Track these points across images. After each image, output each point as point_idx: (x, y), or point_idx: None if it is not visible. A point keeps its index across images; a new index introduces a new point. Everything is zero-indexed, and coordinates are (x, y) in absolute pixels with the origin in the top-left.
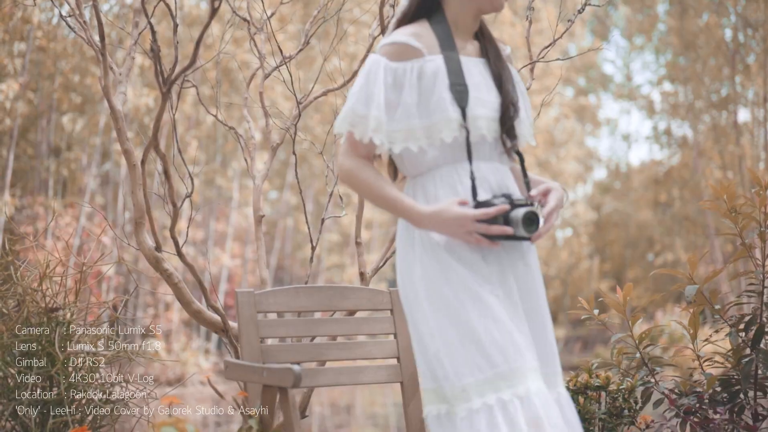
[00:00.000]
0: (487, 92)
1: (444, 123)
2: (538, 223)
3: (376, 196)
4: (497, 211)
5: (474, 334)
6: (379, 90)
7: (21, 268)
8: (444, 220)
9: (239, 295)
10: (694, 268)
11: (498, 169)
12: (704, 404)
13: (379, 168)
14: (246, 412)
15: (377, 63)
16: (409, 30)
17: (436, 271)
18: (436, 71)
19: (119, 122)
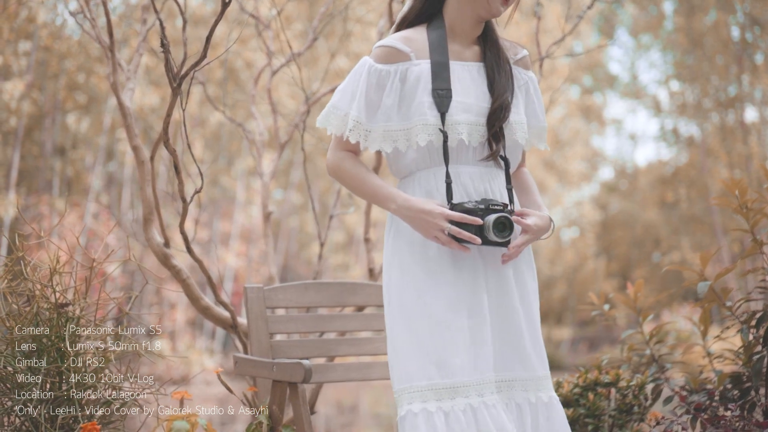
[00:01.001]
0: (476, 97)
1: (420, 127)
2: (511, 230)
3: (359, 185)
4: (471, 220)
5: (422, 345)
6: (361, 90)
7: (31, 264)
8: (418, 212)
9: (248, 290)
10: (706, 265)
11: (481, 174)
12: (714, 401)
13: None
14: (256, 407)
15: (363, 64)
16: (402, 34)
17: (402, 279)
18: (420, 76)
19: (128, 119)
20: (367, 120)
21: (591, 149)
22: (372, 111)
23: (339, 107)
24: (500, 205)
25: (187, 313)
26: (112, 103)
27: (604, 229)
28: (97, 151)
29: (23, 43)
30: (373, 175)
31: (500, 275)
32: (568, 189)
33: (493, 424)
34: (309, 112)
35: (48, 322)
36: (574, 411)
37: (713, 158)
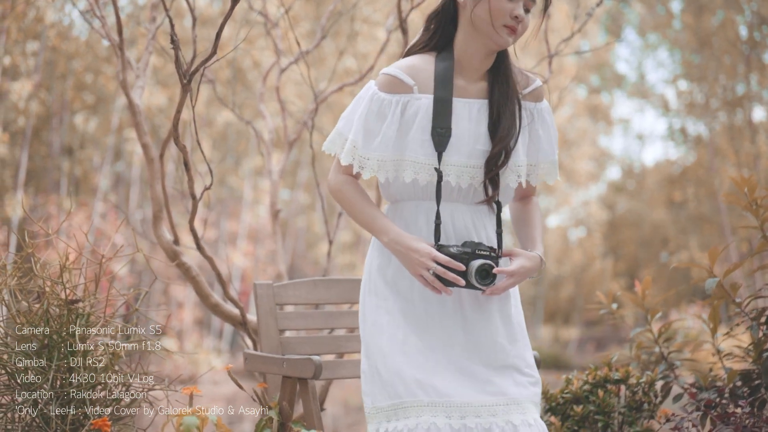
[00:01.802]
0: (473, 139)
1: (409, 163)
2: (494, 277)
3: (356, 212)
4: (455, 266)
5: (381, 366)
6: (361, 117)
7: (41, 261)
8: (407, 248)
9: (258, 287)
10: (715, 261)
11: (468, 213)
12: (724, 398)
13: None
14: (266, 403)
15: (368, 89)
16: (410, 62)
17: (374, 299)
18: (418, 111)
19: (138, 116)
20: (363, 147)
21: (598, 149)
22: (370, 138)
23: (341, 132)
24: (486, 251)
25: (195, 312)
26: (119, 103)
27: (612, 228)
28: (104, 151)
29: (31, 44)
30: (370, 204)
31: (475, 303)
32: (575, 189)
33: None
34: (317, 110)
35: (58, 319)
36: (584, 408)
37: (721, 157)
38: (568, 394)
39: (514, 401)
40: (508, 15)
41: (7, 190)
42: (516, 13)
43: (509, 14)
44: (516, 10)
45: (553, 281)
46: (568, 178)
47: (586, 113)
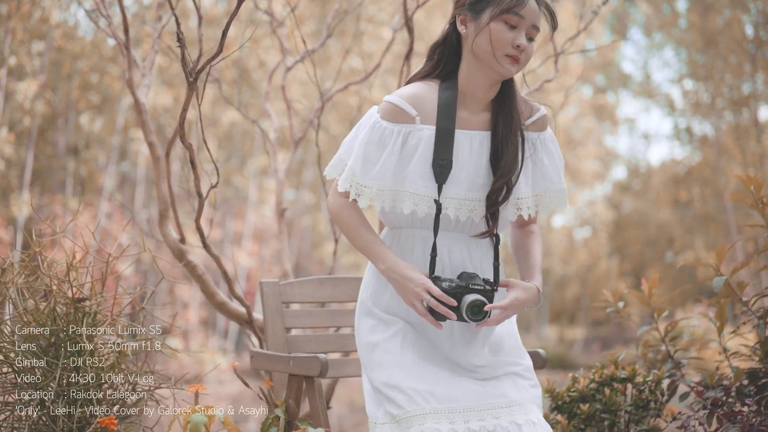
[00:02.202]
0: (473, 172)
1: (408, 194)
2: (486, 313)
3: (354, 237)
4: (447, 301)
5: (381, 382)
6: (361, 144)
7: (48, 259)
8: (403, 277)
9: (264, 285)
10: (722, 260)
11: (465, 244)
12: (731, 397)
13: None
14: (272, 401)
15: (370, 117)
16: (413, 91)
17: (369, 320)
18: (420, 142)
19: (143, 115)
20: (361, 174)
21: (604, 148)
22: (368, 166)
23: (342, 158)
24: (481, 285)
25: (200, 312)
26: (125, 103)
27: (617, 228)
28: (110, 151)
29: (36, 44)
30: (368, 229)
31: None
32: (580, 188)
33: None
34: (323, 108)
35: (65, 318)
36: (591, 406)
37: (727, 157)
38: (574, 392)
39: (516, 403)
40: (510, 44)
41: (12, 190)
42: (518, 43)
43: (511, 44)
44: (518, 40)
45: (558, 281)
46: (574, 177)
47: (591, 113)
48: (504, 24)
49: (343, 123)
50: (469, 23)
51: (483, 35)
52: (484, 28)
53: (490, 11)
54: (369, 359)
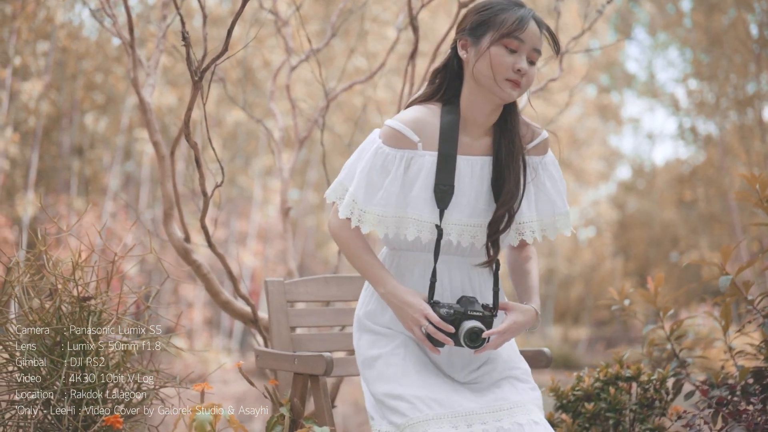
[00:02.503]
0: (475, 198)
1: (412, 221)
2: (484, 340)
3: (354, 259)
4: (445, 328)
5: (383, 394)
6: (363, 170)
7: (53, 259)
8: (401, 302)
9: (269, 284)
10: (727, 259)
11: (462, 266)
12: (736, 396)
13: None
14: (277, 400)
15: (372, 142)
16: (414, 116)
17: (368, 336)
18: (422, 169)
19: (148, 114)
20: (364, 201)
21: (608, 148)
22: (371, 193)
23: (343, 183)
24: (480, 311)
25: (205, 312)
26: (129, 103)
27: (622, 228)
28: (114, 151)
29: (41, 44)
30: (368, 251)
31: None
32: (585, 188)
33: None
34: (328, 107)
35: (70, 317)
36: (595, 405)
37: (732, 157)
38: (579, 391)
39: (517, 404)
40: (510, 69)
41: (17, 190)
42: (518, 67)
43: (511, 68)
44: (518, 64)
45: (563, 281)
46: (578, 177)
47: (595, 113)
48: (504, 48)
49: (347, 123)
50: (469, 48)
51: (483, 60)
52: (484, 52)
53: (490, 36)
54: (370, 373)
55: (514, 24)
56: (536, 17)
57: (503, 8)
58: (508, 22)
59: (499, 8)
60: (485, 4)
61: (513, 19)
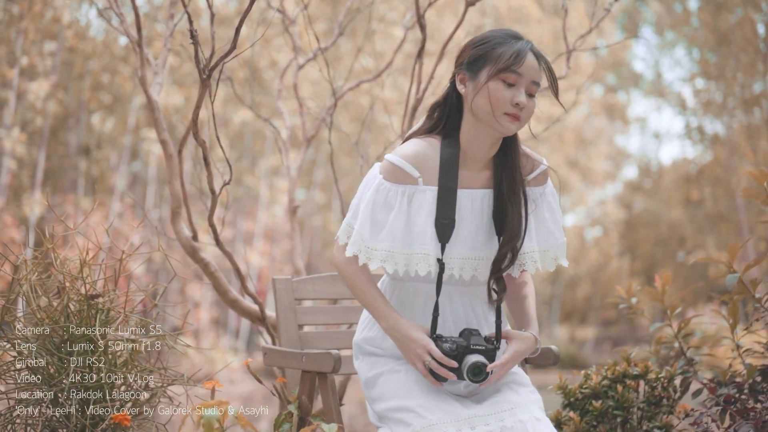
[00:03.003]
0: (476, 231)
1: (421, 256)
2: (487, 374)
3: (357, 293)
4: (447, 363)
5: (387, 409)
6: (367, 207)
7: (61, 257)
8: (404, 336)
9: (277, 282)
10: (735, 257)
11: (464, 296)
12: (744, 393)
13: None
14: (285, 398)
15: (374, 179)
16: (414, 150)
17: (368, 359)
18: (423, 204)
19: (156, 113)
20: (370, 238)
21: (615, 148)
22: (377, 229)
23: (350, 223)
24: (483, 345)
25: (211, 312)
26: (136, 103)
27: (628, 228)
28: (121, 151)
29: (48, 44)
30: (372, 285)
31: None
32: (591, 188)
33: None
34: (335, 106)
35: (78, 314)
36: (603, 403)
37: (739, 156)
38: (586, 389)
39: (518, 405)
40: (509, 103)
41: (24, 190)
42: (516, 101)
43: (510, 102)
44: (516, 98)
45: (569, 281)
46: (585, 177)
47: (602, 112)
48: (502, 83)
49: (354, 122)
50: (467, 83)
51: (481, 95)
52: (482, 87)
53: (487, 70)
54: (373, 392)
55: (511, 58)
56: (534, 49)
57: (500, 42)
58: (505, 56)
59: (496, 42)
60: (482, 38)
61: (510, 53)
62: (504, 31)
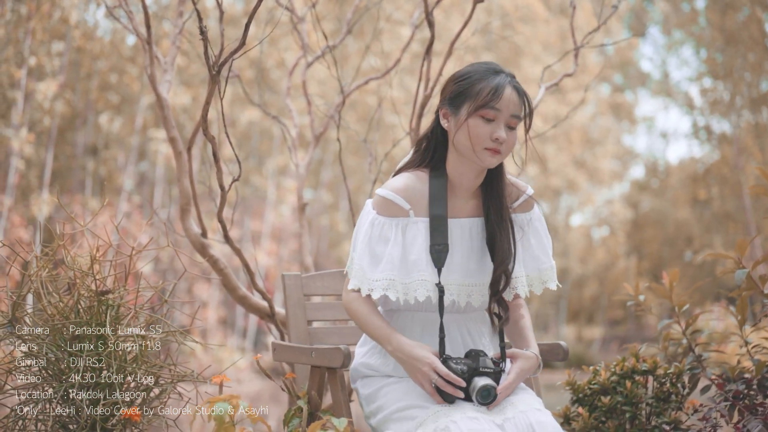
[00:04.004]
0: (467, 258)
1: (419, 282)
2: (494, 397)
3: (363, 324)
4: (455, 381)
5: (392, 411)
6: (364, 241)
7: (72, 253)
8: (409, 356)
9: (286, 278)
10: (743, 252)
11: (461, 321)
12: (753, 389)
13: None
14: (294, 393)
15: (367, 214)
16: (404, 183)
17: (369, 379)
18: (417, 234)
19: (165, 110)
20: (370, 270)
21: (622, 147)
22: (375, 262)
23: (352, 258)
24: (491, 368)
25: (219, 311)
26: (144, 103)
27: (635, 227)
28: (129, 151)
29: (56, 44)
30: (377, 315)
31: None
32: (598, 188)
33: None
34: (344, 103)
35: (88, 310)
36: (612, 399)
37: (746, 155)
38: (595, 385)
39: (519, 401)
40: (488, 138)
41: (32, 190)
42: (496, 136)
43: (489, 137)
44: (496, 133)
45: (576, 280)
46: (592, 176)
47: (609, 112)
48: (481, 119)
49: (362, 122)
50: (450, 118)
51: (462, 131)
52: (462, 124)
53: (467, 107)
54: (373, 406)
55: (489, 95)
56: (513, 83)
57: (479, 78)
58: (483, 93)
59: (475, 78)
60: (463, 73)
61: (488, 90)
62: (485, 65)
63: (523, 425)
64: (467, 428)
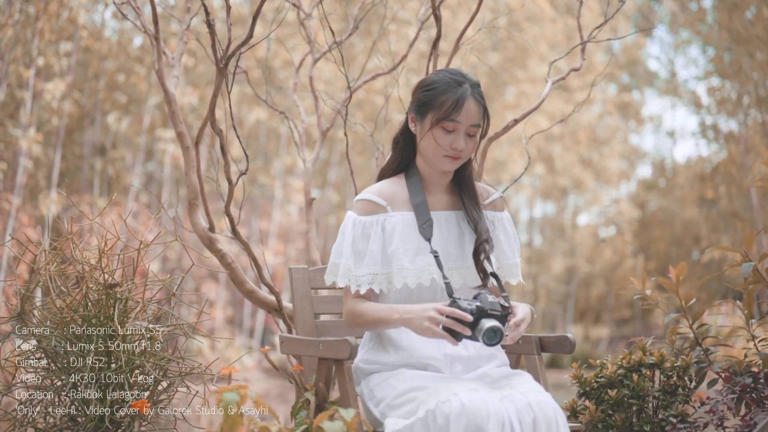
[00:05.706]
0: (446, 246)
1: (396, 271)
2: (500, 339)
3: (368, 317)
4: (462, 316)
5: (396, 395)
6: (348, 242)
7: (80, 246)
8: (414, 312)
9: (293, 271)
10: (750, 246)
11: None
12: (759, 383)
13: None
14: (302, 385)
15: (349, 218)
16: (380, 187)
17: (367, 377)
18: (395, 227)
19: (173, 105)
20: (355, 267)
21: (629, 147)
22: (360, 258)
23: (335, 263)
24: (499, 311)
25: (226, 311)
26: (151, 102)
27: (642, 227)
28: (136, 151)
29: (64, 44)
30: (371, 304)
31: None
32: (605, 187)
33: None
34: (351, 98)
35: (97, 304)
36: (618, 392)
37: (754, 154)
38: (602, 378)
39: (519, 383)
40: (449, 147)
41: (40, 190)
42: (455, 146)
43: (449, 147)
44: (455, 143)
45: (583, 280)
46: (599, 176)
47: (616, 111)
48: (442, 130)
49: (368, 122)
50: (417, 124)
51: (426, 139)
52: (426, 133)
53: (430, 117)
54: (376, 396)
55: (450, 108)
56: (474, 94)
57: (444, 89)
58: (445, 106)
59: (440, 89)
60: (430, 82)
61: (450, 103)
62: (450, 75)
63: (522, 404)
64: (467, 399)
